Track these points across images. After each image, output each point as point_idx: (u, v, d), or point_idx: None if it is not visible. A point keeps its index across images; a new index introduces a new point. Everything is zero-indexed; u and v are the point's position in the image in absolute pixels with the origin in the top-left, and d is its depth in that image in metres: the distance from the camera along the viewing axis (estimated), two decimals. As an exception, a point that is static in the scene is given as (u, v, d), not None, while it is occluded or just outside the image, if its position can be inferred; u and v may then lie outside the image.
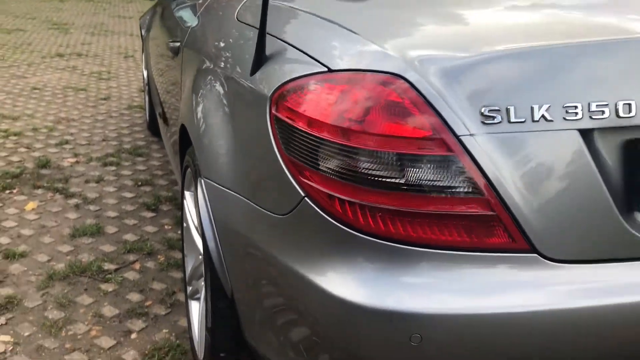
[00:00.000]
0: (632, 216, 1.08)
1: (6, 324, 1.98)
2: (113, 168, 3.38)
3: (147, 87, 3.84)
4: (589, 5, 1.34)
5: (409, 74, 1.03)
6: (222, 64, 1.51)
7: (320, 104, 1.07)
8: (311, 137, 1.07)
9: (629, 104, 1.03)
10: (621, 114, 1.03)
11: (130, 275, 2.30)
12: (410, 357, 1.03)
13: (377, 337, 1.04)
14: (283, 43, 1.28)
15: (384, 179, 1.03)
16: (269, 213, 1.19)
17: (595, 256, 1.06)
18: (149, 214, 2.80)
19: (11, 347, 1.87)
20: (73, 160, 3.49)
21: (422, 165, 1.02)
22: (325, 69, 1.11)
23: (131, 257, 2.42)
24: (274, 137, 1.15)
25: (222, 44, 1.63)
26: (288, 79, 1.15)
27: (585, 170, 1.03)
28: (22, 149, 3.63)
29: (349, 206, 1.05)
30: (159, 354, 1.85)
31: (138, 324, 2.00)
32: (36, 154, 3.56)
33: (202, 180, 1.44)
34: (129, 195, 3.02)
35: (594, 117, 1.02)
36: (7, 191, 3.01)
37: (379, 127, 1.02)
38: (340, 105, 1.05)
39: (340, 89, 1.06)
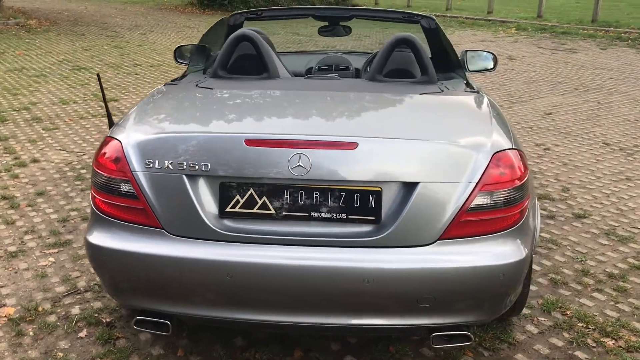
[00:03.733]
0: (220, 219, 2.17)
1: (57, 252, 3.57)
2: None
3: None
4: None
5: (124, 141, 2.26)
6: None
7: (99, 151, 2.36)
8: (93, 167, 2.36)
9: (205, 165, 2.13)
10: (203, 169, 2.14)
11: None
12: (113, 265, 2.25)
13: (106, 259, 2.29)
14: (119, 119, 2.58)
15: (108, 188, 2.27)
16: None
17: (193, 236, 2.17)
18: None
19: (50, 263, 3.45)
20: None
21: (118, 183, 2.24)
22: (110, 136, 2.38)
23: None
24: None
25: None
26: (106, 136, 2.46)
27: (186, 195, 2.15)
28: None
29: (98, 201, 2.32)
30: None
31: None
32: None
33: None
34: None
35: (190, 170, 2.15)
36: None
37: (109, 165, 2.27)
38: (101, 152, 2.33)
39: (104, 145, 2.33)
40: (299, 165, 2.10)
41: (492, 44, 13.06)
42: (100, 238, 2.28)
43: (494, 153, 2.19)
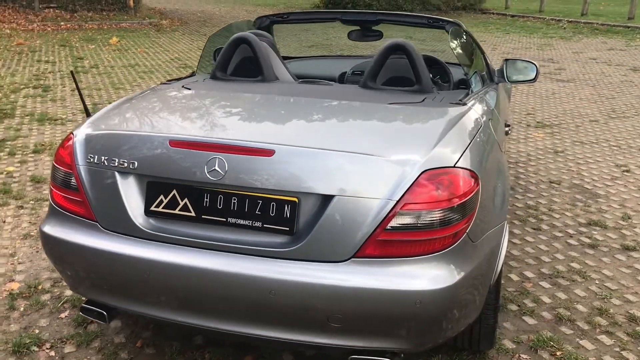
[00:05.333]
0: (146, 217, 2.20)
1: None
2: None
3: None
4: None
5: (76, 137, 2.37)
6: None
7: (59, 147, 2.48)
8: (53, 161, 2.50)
9: (133, 163, 2.17)
10: (131, 167, 2.18)
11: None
12: (58, 254, 2.36)
13: (52, 248, 2.40)
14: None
15: (60, 180, 2.38)
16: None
17: (120, 232, 2.22)
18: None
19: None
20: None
21: (67, 176, 2.34)
22: (70, 134, 2.50)
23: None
24: None
25: None
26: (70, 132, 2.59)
27: (116, 191, 2.21)
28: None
29: (53, 193, 2.44)
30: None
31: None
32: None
33: None
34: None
35: (121, 167, 2.20)
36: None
37: (63, 158, 2.39)
38: (61, 146, 2.45)
39: (67, 141, 2.45)
40: (215, 169, 2.08)
41: (620, 53, 12.01)
42: (50, 228, 2.40)
43: (425, 170, 2.02)
